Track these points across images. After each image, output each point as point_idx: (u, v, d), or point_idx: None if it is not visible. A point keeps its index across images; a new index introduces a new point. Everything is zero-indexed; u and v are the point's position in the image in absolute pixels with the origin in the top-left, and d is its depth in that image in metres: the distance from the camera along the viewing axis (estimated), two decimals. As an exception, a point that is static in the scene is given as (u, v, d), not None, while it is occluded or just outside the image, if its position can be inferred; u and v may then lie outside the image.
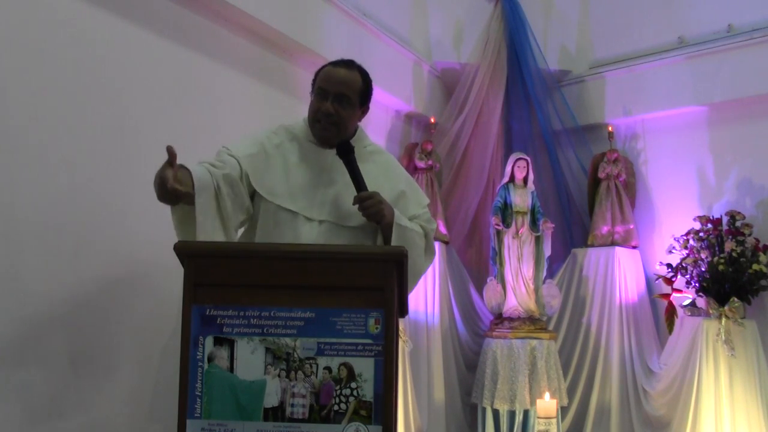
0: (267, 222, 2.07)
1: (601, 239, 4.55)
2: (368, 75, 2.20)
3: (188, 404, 1.62)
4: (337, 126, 2.11)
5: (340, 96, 2.10)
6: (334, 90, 2.10)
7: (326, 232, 2.06)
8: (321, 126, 2.12)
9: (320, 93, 2.12)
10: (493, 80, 4.78)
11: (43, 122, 2.39)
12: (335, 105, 2.09)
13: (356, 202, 2.00)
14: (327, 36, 3.69)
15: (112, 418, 2.55)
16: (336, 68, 2.15)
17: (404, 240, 2.04)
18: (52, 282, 2.37)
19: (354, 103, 2.13)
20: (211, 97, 3.10)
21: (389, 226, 2.03)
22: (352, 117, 2.16)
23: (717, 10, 4.43)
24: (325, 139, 2.14)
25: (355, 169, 2.04)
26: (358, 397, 1.63)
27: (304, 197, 2.09)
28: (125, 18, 2.73)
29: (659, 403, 4.10)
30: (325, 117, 2.10)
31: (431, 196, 4.42)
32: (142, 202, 2.41)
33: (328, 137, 2.13)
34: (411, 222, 2.14)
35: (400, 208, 2.12)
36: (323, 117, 2.10)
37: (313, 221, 2.06)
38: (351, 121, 2.16)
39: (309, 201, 2.08)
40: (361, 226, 2.08)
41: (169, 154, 1.81)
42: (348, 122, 2.14)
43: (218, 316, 1.66)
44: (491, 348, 4.20)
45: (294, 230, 2.04)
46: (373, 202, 2.00)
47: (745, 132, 4.33)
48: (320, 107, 2.10)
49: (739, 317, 3.86)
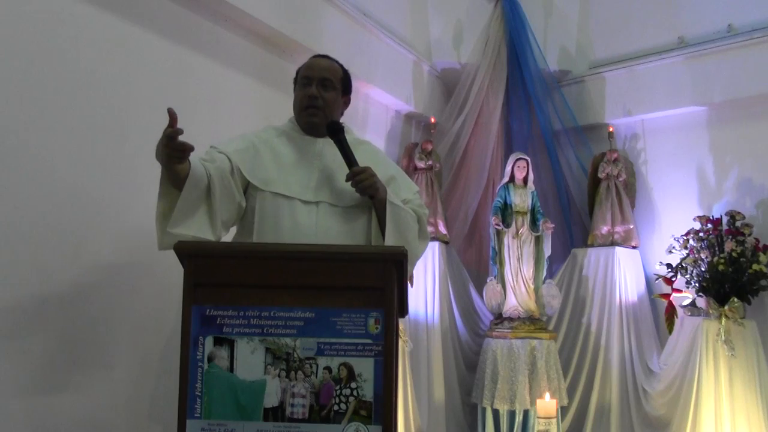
0: (264, 211, 2.06)
1: (601, 239, 4.55)
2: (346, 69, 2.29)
3: (188, 404, 1.62)
4: (323, 110, 2.16)
5: (323, 80, 2.17)
6: (317, 75, 2.17)
7: (324, 214, 2.07)
8: (308, 112, 2.17)
9: (304, 81, 2.19)
10: (493, 80, 4.78)
11: (43, 122, 2.39)
12: (319, 89, 2.16)
13: (349, 178, 2.03)
14: (327, 36, 3.69)
15: (113, 417, 2.55)
16: (317, 59, 2.26)
17: (398, 219, 2.07)
18: (52, 282, 2.37)
19: (337, 87, 2.20)
20: (211, 96, 3.09)
21: (383, 203, 2.06)
22: (337, 102, 2.22)
23: (717, 10, 4.43)
24: (313, 124, 2.18)
25: (346, 147, 2.08)
26: (358, 397, 1.63)
27: (298, 182, 2.10)
28: (125, 18, 2.73)
29: (659, 403, 4.10)
30: (312, 101, 2.15)
31: (431, 196, 4.42)
32: (142, 202, 2.41)
33: (316, 123, 2.17)
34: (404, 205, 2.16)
35: (392, 190, 2.14)
36: (310, 102, 2.16)
37: (310, 204, 2.08)
38: (336, 106, 2.21)
39: (303, 185, 2.10)
40: (356, 204, 2.10)
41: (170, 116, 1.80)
42: (333, 106, 2.20)
43: (218, 316, 1.66)
44: (491, 348, 4.20)
45: (292, 215, 2.05)
46: (366, 176, 2.03)
47: (745, 132, 4.33)
48: (306, 93, 2.16)
49: (739, 317, 3.86)
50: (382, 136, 4.47)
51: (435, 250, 4.28)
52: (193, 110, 3.00)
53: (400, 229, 2.07)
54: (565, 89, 5.02)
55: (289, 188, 2.08)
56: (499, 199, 4.41)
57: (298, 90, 2.21)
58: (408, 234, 2.09)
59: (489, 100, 4.76)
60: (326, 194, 2.10)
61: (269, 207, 2.06)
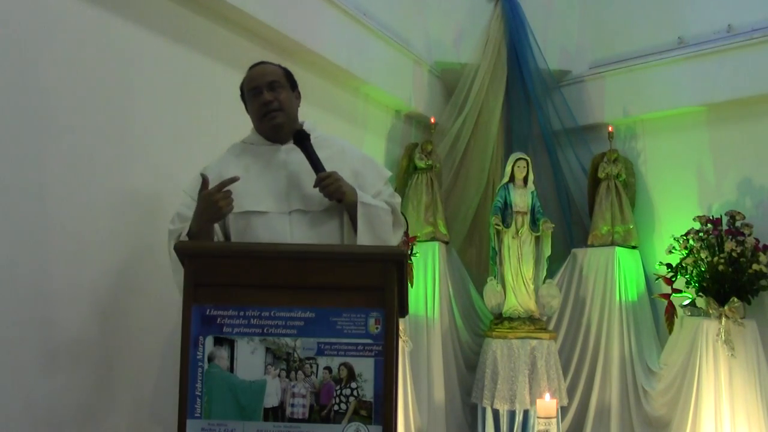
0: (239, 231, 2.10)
1: (601, 239, 4.55)
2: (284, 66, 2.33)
3: (188, 404, 1.62)
4: (282, 110, 2.20)
5: (270, 84, 2.21)
6: (263, 81, 2.21)
7: (298, 222, 2.11)
8: (269, 117, 2.19)
9: (254, 92, 2.22)
10: (493, 80, 4.78)
11: (43, 122, 2.39)
12: (271, 93, 2.19)
13: (316, 184, 2.07)
14: (327, 36, 3.69)
15: (113, 417, 2.55)
16: (255, 68, 2.28)
17: (370, 218, 2.10)
18: (52, 282, 2.37)
19: (285, 85, 2.24)
20: (211, 97, 3.09)
21: (353, 204, 2.09)
22: (290, 99, 2.25)
23: (717, 10, 4.43)
24: (277, 127, 2.20)
25: (312, 154, 2.12)
26: (358, 397, 1.63)
27: (269, 195, 2.14)
28: (125, 18, 2.73)
29: (659, 403, 4.10)
30: (268, 106, 2.18)
31: (431, 196, 4.42)
32: (142, 202, 2.41)
33: (280, 124, 2.20)
34: (375, 199, 2.18)
35: (359, 187, 2.16)
36: (266, 108, 2.18)
37: (284, 214, 2.11)
38: (291, 104, 2.25)
39: (275, 197, 2.13)
40: (327, 208, 2.13)
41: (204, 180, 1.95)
42: (289, 105, 2.23)
43: (218, 316, 1.66)
44: (491, 348, 4.20)
45: (268, 228, 2.08)
46: (331, 180, 2.06)
47: (745, 132, 4.32)
48: (260, 101, 2.19)
49: (739, 317, 3.86)
50: (382, 136, 4.48)
51: (435, 250, 4.28)
52: (193, 110, 3.00)
53: (374, 229, 2.10)
54: (565, 89, 5.01)
55: (261, 204, 2.12)
56: (499, 199, 4.41)
57: (251, 102, 2.24)
58: (382, 231, 2.13)
59: (489, 100, 4.75)
60: (296, 201, 2.14)
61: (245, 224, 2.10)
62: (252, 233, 2.08)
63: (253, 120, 2.27)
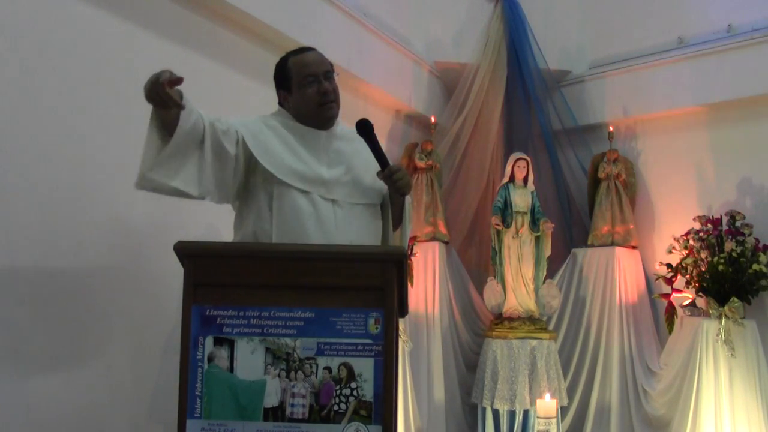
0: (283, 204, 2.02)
1: (601, 239, 4.55)
2: None
3: (188, 404, 1.62)
4: (337, 102, 2.17)
5: (326, 73, 2.15)
6: (321, 70, 2.14)
7: (342, 211, 2.08)
8: (327, 107, 2.14)
9: (310, 79, 2.12)
10: (493, 80, 4.78)
11: (43, 122, 2.39)
12: (329, 83, 2.14)
13: (387, 175, 2.04)
14: (327, 36, 3.69)
15: (113, 417, 2.55)
16: (307, 54, 2.19)
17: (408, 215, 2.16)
18: (52, 282, 2.37)
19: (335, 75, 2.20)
20: (211, 97, 3.08)
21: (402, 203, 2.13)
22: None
23: (717, 10, 4.43)
24: (333, 118, 2.17)
25: (377, 145, 2.08)
26: (358, 397, 1.63)
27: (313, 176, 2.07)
28: (125, 18, 2.73)
29: (659, 403, 4.10)
30: (328, 96, 2.13)
31: (431, 196, 4.42)
32: (142, 202, 2.41)
33: (333, 115, 2.17)
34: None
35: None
36: (326, 98, 2.12)
37: (327, 201, 2.08)
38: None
39: (318, 180, 2.08)
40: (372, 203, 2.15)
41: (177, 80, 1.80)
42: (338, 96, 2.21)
43: (218, 316, 1.66)
44: (491, 348, 4.20)
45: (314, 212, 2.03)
46: (403, 174, 2.06)
47: (745, 132, 4.32)
48: (320, 89, 2.11)
49: (739, 317, 3.86)
50: (382, 136, 4.45)
51: (435, 250, 4.29)
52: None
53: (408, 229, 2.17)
54: (565, 89, 5.01)
55: (305, 182, 2.05)
56: (500, 199, 4.41)
57: (304, 88, 2.12)
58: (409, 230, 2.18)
59: (489, 100, 4.75)
60: (344, 191, 2.10)
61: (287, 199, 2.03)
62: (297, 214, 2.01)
63: (304, 105, 2.14)
